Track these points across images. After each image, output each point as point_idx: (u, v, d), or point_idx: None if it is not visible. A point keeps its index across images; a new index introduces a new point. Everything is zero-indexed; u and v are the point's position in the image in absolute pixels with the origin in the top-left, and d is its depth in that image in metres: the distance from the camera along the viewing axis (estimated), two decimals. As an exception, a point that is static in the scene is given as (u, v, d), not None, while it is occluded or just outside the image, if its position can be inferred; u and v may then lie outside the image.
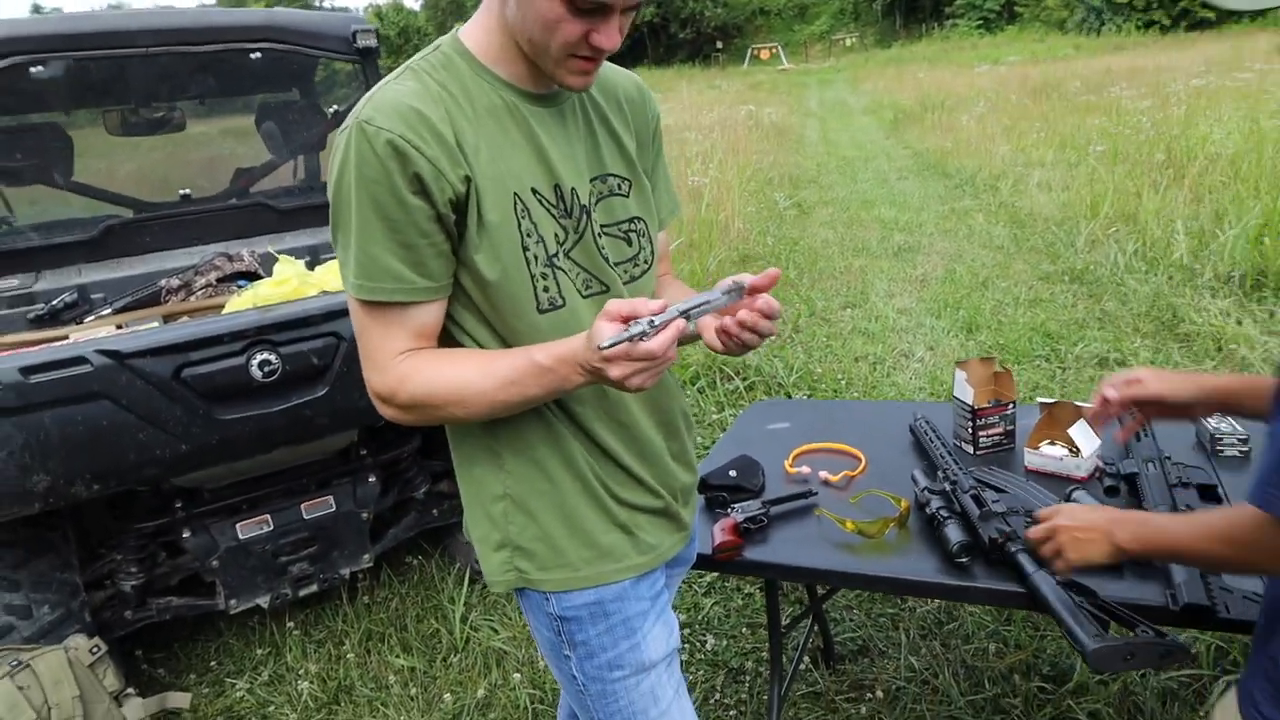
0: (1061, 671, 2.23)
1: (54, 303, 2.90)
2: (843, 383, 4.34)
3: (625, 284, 1.20)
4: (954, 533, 1.49)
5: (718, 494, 1.75)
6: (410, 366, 1.08)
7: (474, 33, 1.12)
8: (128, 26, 2.92)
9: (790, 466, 1.91)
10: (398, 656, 2.65)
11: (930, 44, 35.56)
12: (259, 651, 2.75)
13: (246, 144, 3.47)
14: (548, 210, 1.11)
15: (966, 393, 1.87)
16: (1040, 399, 1.88)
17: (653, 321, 0.96)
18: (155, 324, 2.50)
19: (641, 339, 0.95)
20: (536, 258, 1.10)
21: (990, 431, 1.87)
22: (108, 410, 2.09)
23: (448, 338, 1.15)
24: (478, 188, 1.05)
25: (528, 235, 1.09)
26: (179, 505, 2.60)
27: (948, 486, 1.63)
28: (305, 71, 3.41)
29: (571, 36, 1.02)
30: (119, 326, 2.55)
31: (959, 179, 9.43)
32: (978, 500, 1.56)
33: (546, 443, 1.17)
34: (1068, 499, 1.60)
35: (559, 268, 1.12)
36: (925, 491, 1.63)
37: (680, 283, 1.39)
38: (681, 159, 9.61)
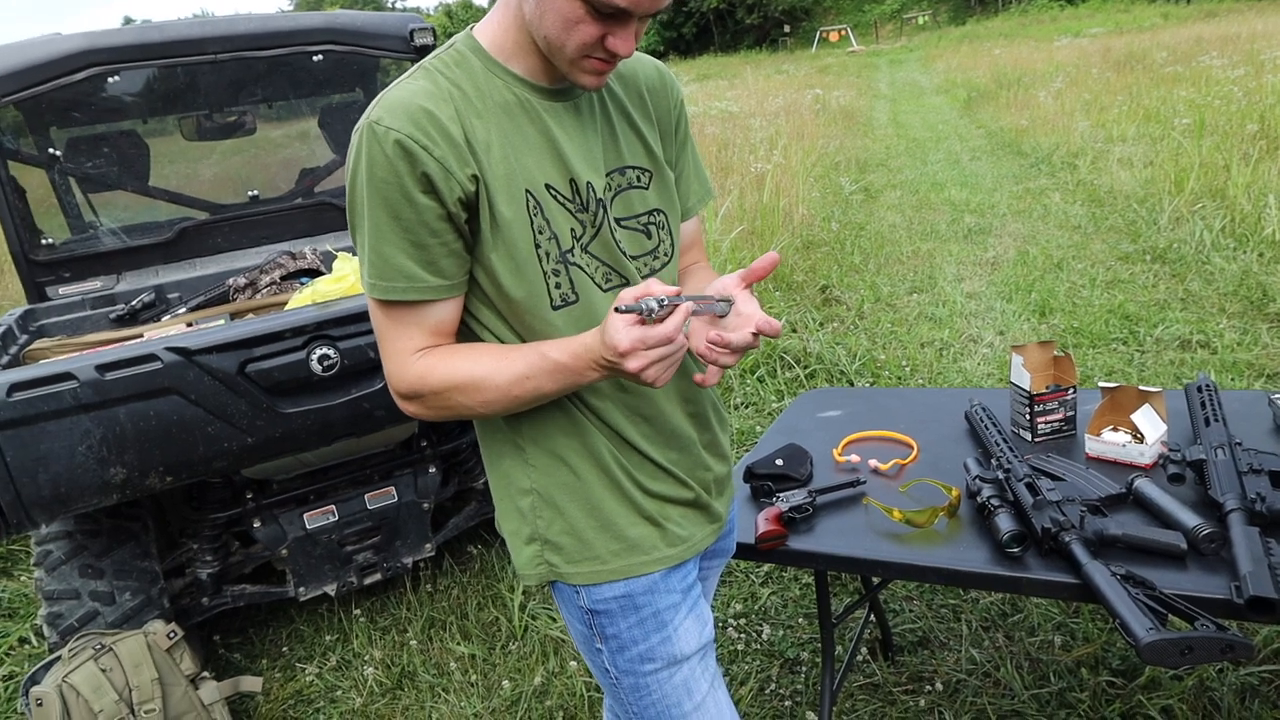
0: (1132, 666, 2.14)
1: (133, 303, 3.04)
2: (907, 369, 4.24)
3: (644, 277, 1.19)
4: (1005, 522, 1.44)
5: (763, 483, 1.73)
6: (427, 363, 1.10)
7: (488, 29, 1.13)
8: (196, 35, 3.03)
9: (839, 455, 1.87)
10: (458, 644, 2.71)
11: (1007, 19, 34.35)
12: (328, 638, 2.84)
13: (311, 145, 3.57)
14: (563, 205, 1.11)
15: (1024, 378, 1.80)
16: (1102, 383, 1.80)
17: (662, 301, 0.95)
18: (222, 321, 2.59)
19: (650, 316, 0.94)
20: (549, 254, 1.10)
21: (1049, 418, 1.80)
22: (177, 405, 2.18)
23: (467, 333, 1.16)
24: (488, 186, 1.06)
25: (540, 232, 1.09)
26: (250, 496, 2.70)
27: (1001, 475, 1.58)
28: (367, 71, 3.49)
29: (588, 38, 1.02)
30: (189, 325, 2.66)
31: (1035, 158, 9.10)
32: (1031, 488, 1.50)
33: (570, 436, 1.17)
34: (1129, 488, 1.53)
35: (574, 264, 1.12)
36: (977, 480, 1.58)
37: (712, 271, 1.37)
38: (745, 146, 9.52)
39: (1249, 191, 5.71)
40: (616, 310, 0.96)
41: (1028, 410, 1.81)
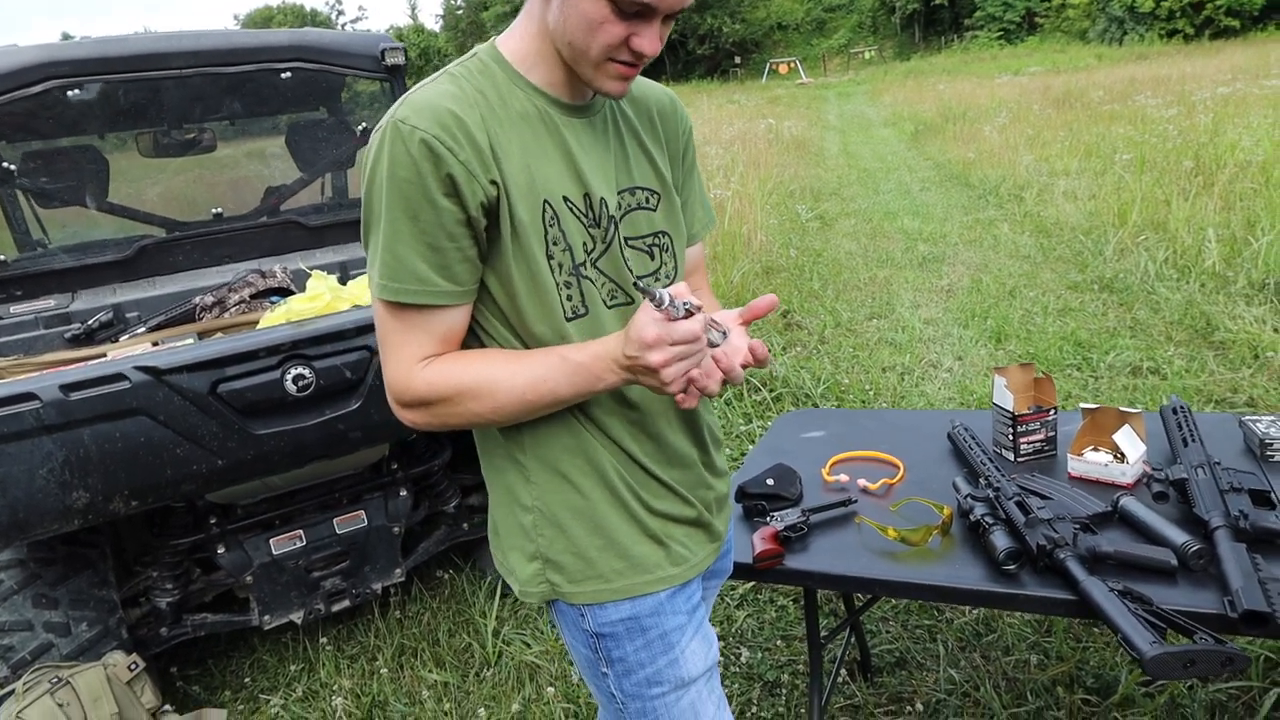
0: (1106, 684, 2.19)
1: (90, 322, 2.94)
2: (870, 393, 4.31)
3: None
4: (1000, 540, 1.46)
5: (756, 502, 1.73)
6: (436, 369, 1.08)
7: (511, 40, 1.13)
8: (159, 49, 2.97)
9: (828, 475, 1.89)
10: (431, 671, 2.64)
11: (950, 56, 35.48)
12: (293, 668, 2.75)
13: (276, 162, 3.51)
14: (578, 219, 1.11)
15: (1007, 399, 1.84)
16: (1082, 404, 1.85)
17: (688, 304, 0.96)
18: (190, 340, 2.52)
19: (677, 312, 0.95)
20: (561, 265, 1.10)
21: (1032, 438, 1.84)
22: (146, 426, 2.10)
23: (475, 344, 1.15)
24: (509, 193, 1.05)
25: (554, 243, 1.09)
26: (213, 521, 2.61)
27: (991, 493, 1.61)
28: (333, 90, 3.45)
29: (613, 39, 1.02)
30: (155, 344, 2.58)
31: (982, 189, 9.38)
32: (1023, 507, 1.53)
33: (575, 453, 1.16)
34: (1115, 506, 1.56)
35: (585, 276, 1.12)
36: (968, 498, 1.60)
37: (713, 298, 1.38)
38: (703, 173, 9.62)
39: (1189, 225, 5.95)
40: (644, 294, 0.97)
41: (1011, 431, 1.85)
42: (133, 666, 2.25)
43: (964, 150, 11.77)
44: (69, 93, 2.92)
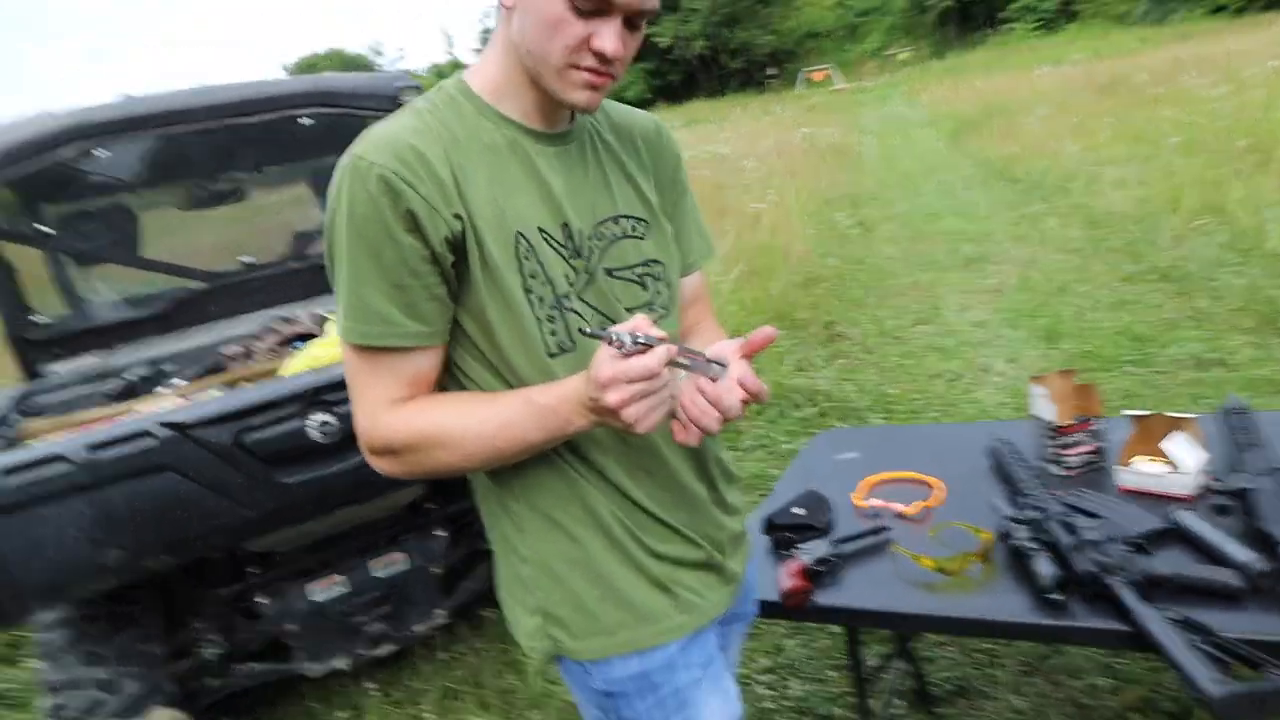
0: (1186, 708, 2.04)
1: (128, 376, 2.99)
2: (919, 403, 4.17)
3: None
4: (1044, 566, 1.36)
5: (783, 534, 1.65)
6: (403, 415, 1.03)
7: (478, 71, 1.10)
8: (182, 105, 3.02)
9: (860, 500, 1.80)
10: (475, 715, 2.60)
11: (987, 51, 34.86)
12: (340, 715, 2.74)
13: (303, 208, 3.55)
14: (556, 250, 1.06)
15: (1047, 410, 1.74)
16: (1127, 411, 1.73)
17: (637, 337, 0.89)
18: (217, 392, 2.54)
19: (621, 348, 0.89)
20: (542, 299, 1.05)
21: (1077, 450, 1.73)
22: (173, 481, 2.11)
23: (454, 387, 1.11)
24: (476, 227, 1.01)
25: (531, 276, 1.04)
26: (254, 570, 2.62)
27: (1034, 514, 1.51)
28: (354, 132, 3.47)
29: (572, 40, 0.98)
30: (183, 397, 2.59)
31: (1027, 183, 9.12)
32: (1069, 528, 1.43)
33: (566, 499, 1.10)
34: (1172, 522, 1.45)
35: (569, 309, 1.07)
36: (1009, 521, 1.50)
37: (719, 330, 1.31)
38: (739, 186, 9.57)
39: (1247, 206, 5.69)
40: (581, 332, 0.92)
41: (1054, 443, 1.74)
42: (175, 722, 2.25)
43: (1006, 145, 11.49)
44: (97, 154, 2.98)
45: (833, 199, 10.00)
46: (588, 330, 0.91)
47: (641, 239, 1.17)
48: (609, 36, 0.99)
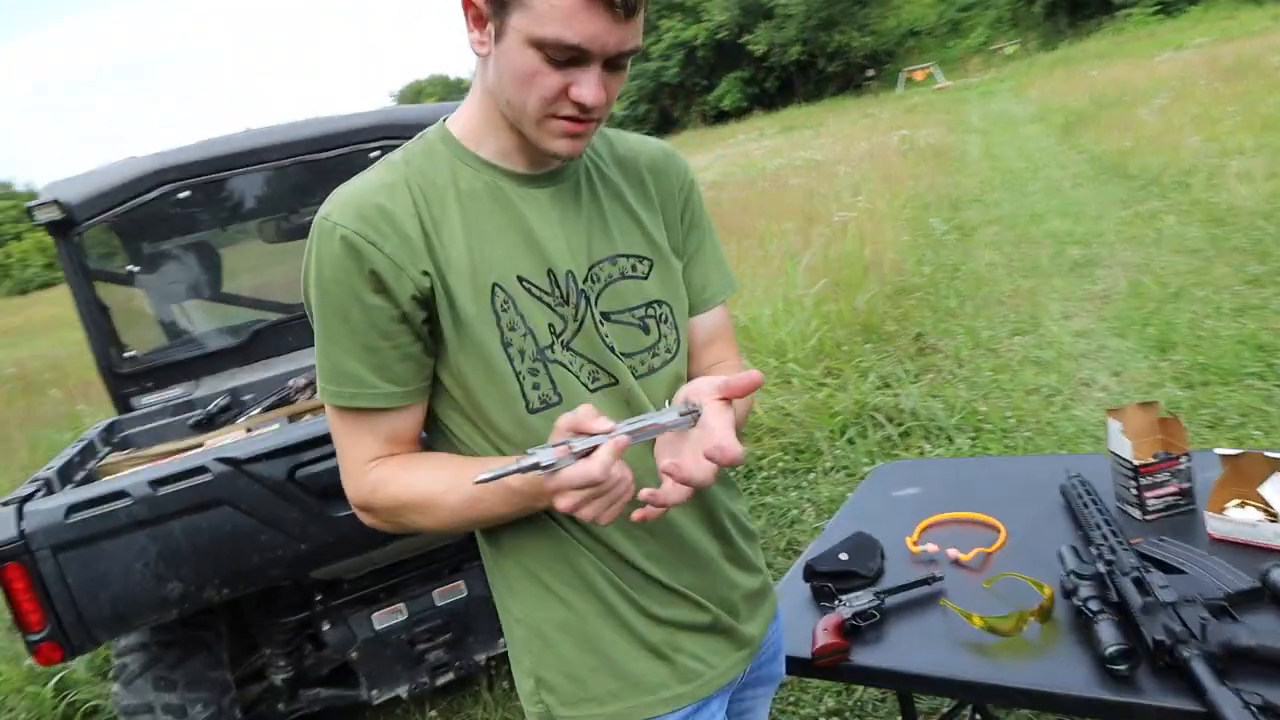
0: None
1: (209, 408, 3.09)
2: (1011, 421, 3.92)
3: (640, 376, 1.06)
4: (1107, 632, 1.20)
5: (824, 584, 1.54)
6: (379, 476, 1.01)
7: (459, 116, 1.05)
8: (258, 145, 3.13)
9: (914, 544, 1.66)
10: (533, 749, 2.55)
11: (1101, 39, 33.06)
12: (403, 742, 2.74)
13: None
14: (538, 299, 1.00)
15: (1124, 447, 1.56)
16: (1219, 450, 1.54)
17: (578, 447, 0.82)
18: (277, 425, 2.59)
19: (550, 468, 0.81)
20: (523, 352, 0.99)
21: (1160, 491, 1.55)
22: (229, 516, 2.15)
23: (440, 439, 1.07)
24: (447, 282, 0.97)
25: (510, 329, 0.99)
26: (318, 598, 2.66)
27: (1103, 567, 1.35)
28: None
29: (549, 92, 0.92)
30: (249, 430, 2.66)
31: (1142, 179, 8.54)
32: (1140, 585, 1.27)
33: (555, 560, 1.04)
34: (1265, 580, 1.27)
35: (554, 361, 1.00)
36: (1073, 576, 1.35)
37: (739, 368, 1.20)
38: (830, 194, 9.34)
39: (1394, 197, 5.14)
40: (476, 483, 0.86)
41: (1134, 484, 1.57)
42: (236, 752, 2.29)
43: (1120, 139, 10.81)
44: (180, 195, 3.12)
45: (930, 203, 9.62)
46: (487, 477, 0.84)
47: (644, 279, 1.09)
48: (588, 85, 0.92)
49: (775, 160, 16.28)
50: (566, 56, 0.90)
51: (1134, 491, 1.57)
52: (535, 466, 0.81)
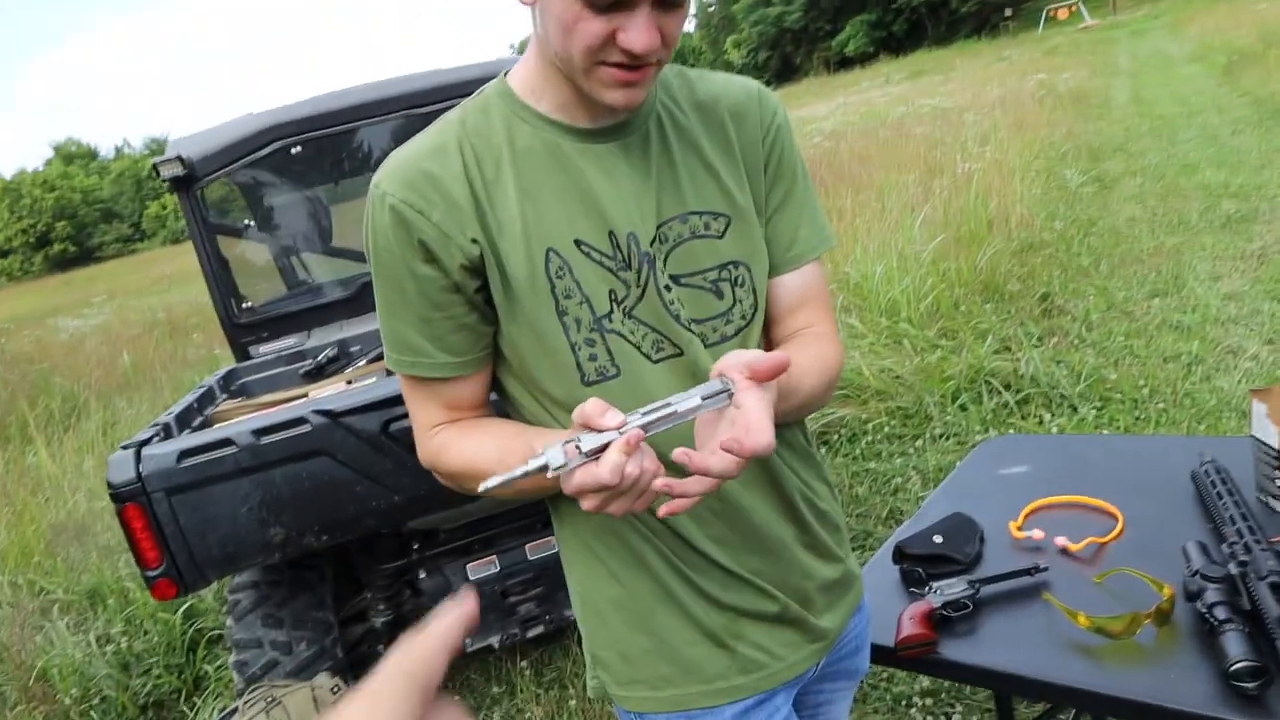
0: None
1: (319, 359, 3.20)
2: (1145, 390, 3.62)
3: (711, 345, 0.98)
4: (1235, 644, 1.07)
5: (914, 568, 1.44)
6: (442, 440, 1.01)
7: (518, 69, 0.99)
8: (368, 99, 3.16)
9: (1018, 529, 1.53)
10: (620, 706, 2.57)
11: (1277, -34, 29.88)
12: (495, 689, 2.81)
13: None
14: (599, 263, 0.94)
15: (1269, 432, 1.38)
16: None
17: (588, 448, 0.75)
18: (374, 379, 2.64)
19: (560, 468, 0.76)
20: (579, 321, 0.93)
21: (1310, 484, 1.37)
22: (328, 466, 2.21)
23: (507, 403, 1.06)
24: (498, 249, 0.92)
25: (566, 296, 0.93)
26: (416, 547, 2.73)
27: (1235, 569, 1.20)
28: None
29: (593, 39, 0.85)
30: (349, 382, 2.73)
31: (1316, 125, 7.71)
32: (1278, 592, 1.12)
33: (607, 534, 1.00)
34: None
35: (612, 331, 0.94)
36: (1198, 577, 1.20)
37: (831, 340, 1.08)
38: (955, 144, 8.84)
39: None
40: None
41: (1278, 474, 1.39)
42: (335, 689, 2.38)
43: (1291, 79, 9.78)
44: (293, 150, 3.20)
45: (1066, 153, 8.98)
46: (493, 484, 0.78)
47: (719, 238, 1.01)
48: (635, 29, 0.84)
49: (899, 108, 15.53)
50: (609, 1, 0.83)
51: (1278, 483, 1.39)
52: (543, 469, 0.76)
